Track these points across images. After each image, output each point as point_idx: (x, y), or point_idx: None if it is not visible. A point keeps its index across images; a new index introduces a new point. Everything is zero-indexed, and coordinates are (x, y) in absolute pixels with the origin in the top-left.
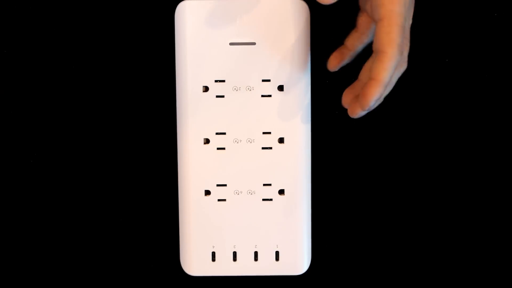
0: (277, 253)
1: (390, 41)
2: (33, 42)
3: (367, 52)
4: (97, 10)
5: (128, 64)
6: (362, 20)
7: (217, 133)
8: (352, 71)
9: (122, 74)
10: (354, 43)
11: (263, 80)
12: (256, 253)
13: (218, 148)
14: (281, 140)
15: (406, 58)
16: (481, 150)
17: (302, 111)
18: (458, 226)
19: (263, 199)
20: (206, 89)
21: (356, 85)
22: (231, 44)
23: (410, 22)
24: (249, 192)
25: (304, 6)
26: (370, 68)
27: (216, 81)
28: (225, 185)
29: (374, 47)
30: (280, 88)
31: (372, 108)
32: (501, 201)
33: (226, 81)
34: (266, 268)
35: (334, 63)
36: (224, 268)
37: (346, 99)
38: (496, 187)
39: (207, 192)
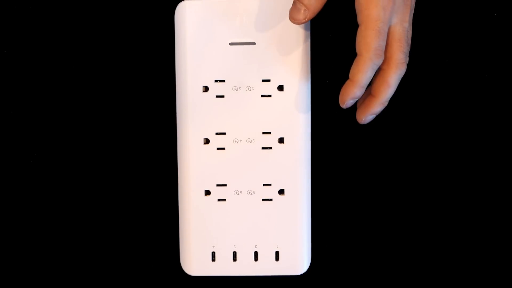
0: (277, 253)
1: (366, 45)
2: (33, 42)
3: None
4: (97, 10)
5: (128, 64)
6: None
7: (217, 133)
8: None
9: (122, 74)
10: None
11: (263, 80)
12: (256, 253)
13: (218, 148)
14: (281, 140)
15: (402, 60)
16: (481, 150)
17: (302, 111)
18: (458, 226)
19: (263, 199)
20: (206, 89)
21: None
22: (231, 44)
23: (406, 25)
24: (249, 192)
25: None
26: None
27: (216, 81)
28: (225, 185)
29: (356, 50)
30: (280, 88)
31: (375, 111)
32: (501, 201)
33: (226, 81)
34: (266, 268)
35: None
36: (224, 268)
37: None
38: (496, 187)
39: (207, 192)
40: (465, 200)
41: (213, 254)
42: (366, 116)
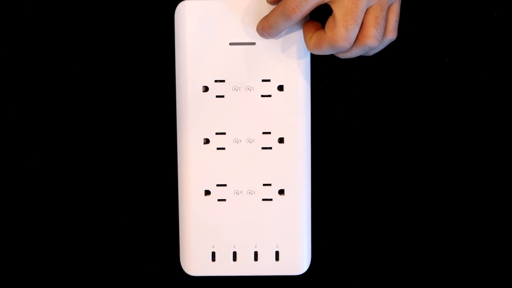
0: (277, 253)
1: (338, 33)
2: (33, 42)
3: (369, 58)
4: (97, 10)
5: (128, 64)
6: None
7: (217, 133)
8: (353, 73)
9: (122, 74)
10: None
11: (263, 80)
12: (256, 253)
13: (218, 148)
14: (281, 140)
15: (338, 35)
16: (481, 150)
17: (302, 111)
18: (458, 226)
19: (263, 199)
20: (206, 89)
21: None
22: (231, 44)
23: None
24: (249, 192)
25: None
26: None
27: (216, 81)
28: (225, 185)
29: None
30: (280, 88)
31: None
32: (501, 201)
33: (226, 81)
34: (266, 268)
35: None
36: (224, 268)
37: None
38: (496, 187)
39: (207, 192)
40: (465, 200)
41: (213, 254)
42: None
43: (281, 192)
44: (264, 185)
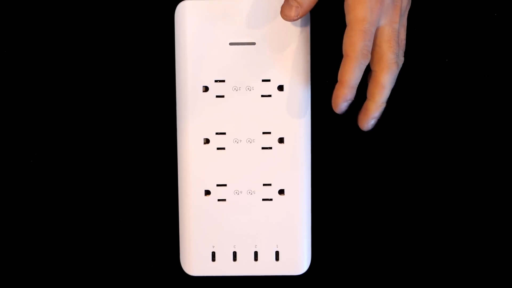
0: (277, 253)
1: (351, 45)
2: (33, 42)
3: None
4: (97, 10)
5: (128, 64)
6: None
7: (217, 133)
8: None
9: (122, 74)
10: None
11: (263, 80)
12: (256, 253)
13: (218, 148)
14: (281, 140)
15: (392, 60)
16: (481, 150)
17: (302, 111)
18: (458, 226)
19: (263, 199)
20: (206, 89)
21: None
22: (231, 44)
23: (396, 25)
24: (249, 192)
25: None
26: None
27: (216, 81)
28: (225, 185)
29: (343, 51)
30: (280, 88)
31: (375, 115)
32: (501, 201)
33: (226, 81)
34: (266, 268)
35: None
36: (224, 268)
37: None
38: (496, 187)
39: (207, 192)
40: (465, 200)
41: (213, 254)
42: (367, 121)
43: (281, 192)
44: (264, 185)
